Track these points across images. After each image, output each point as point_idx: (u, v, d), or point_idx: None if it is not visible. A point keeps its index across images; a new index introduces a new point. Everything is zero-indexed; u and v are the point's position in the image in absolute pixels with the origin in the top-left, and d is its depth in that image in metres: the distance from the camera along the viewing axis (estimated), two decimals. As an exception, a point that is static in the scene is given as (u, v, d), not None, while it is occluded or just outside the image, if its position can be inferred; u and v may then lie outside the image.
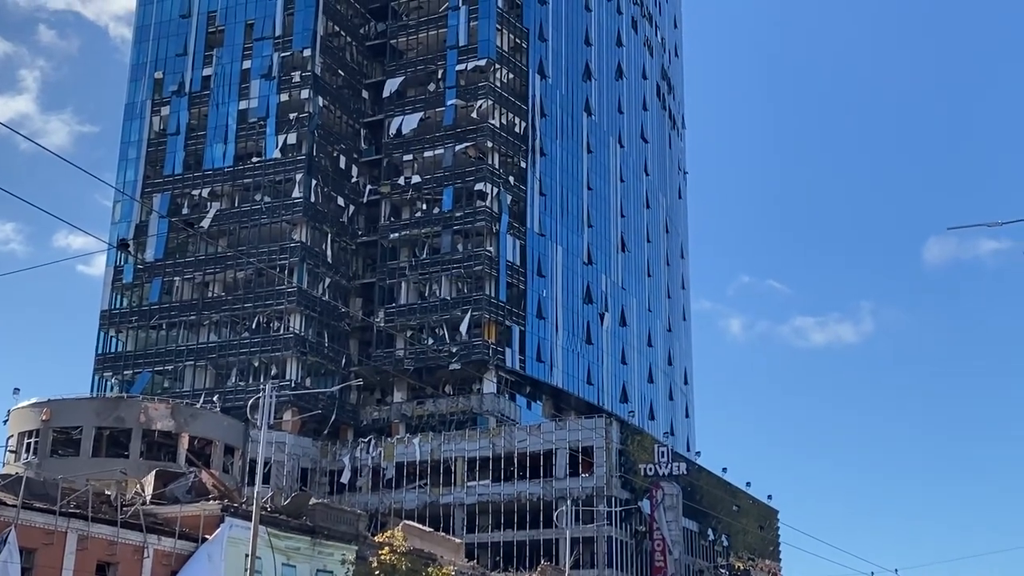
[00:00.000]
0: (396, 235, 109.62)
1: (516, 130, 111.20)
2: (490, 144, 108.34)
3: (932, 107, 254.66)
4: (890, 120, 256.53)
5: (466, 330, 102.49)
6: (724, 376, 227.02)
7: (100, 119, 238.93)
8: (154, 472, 50.26)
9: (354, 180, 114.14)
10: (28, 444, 68.03)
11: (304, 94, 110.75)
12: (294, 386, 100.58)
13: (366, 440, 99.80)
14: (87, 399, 77.66)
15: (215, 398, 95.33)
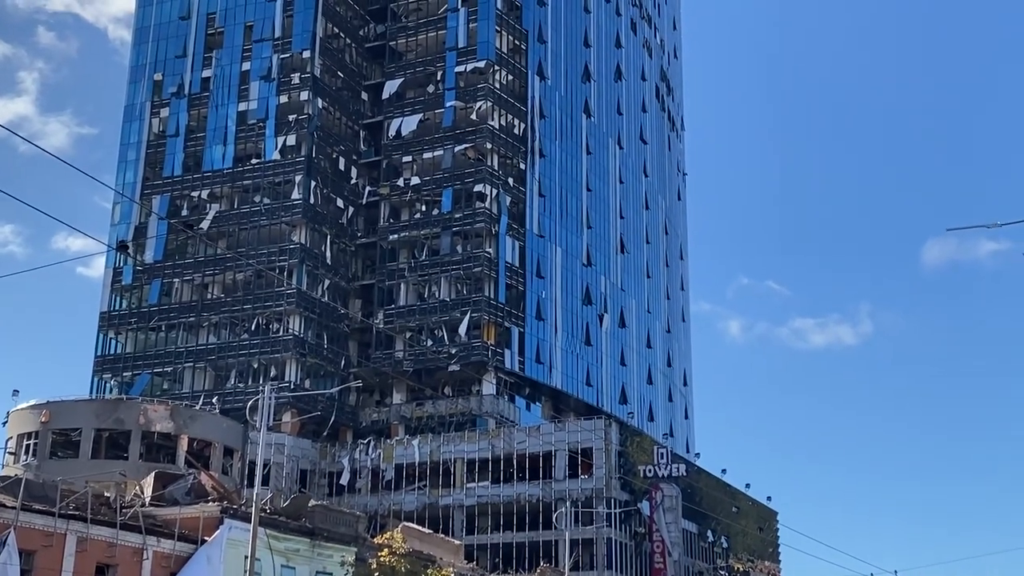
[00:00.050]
0: (395, 236, 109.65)
1: (515, 131, 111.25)
2: (489, 145, 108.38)
3: (931, 109, 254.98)
4: (889, 122, 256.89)
5: (465, 331, 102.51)
6: (723, 378, 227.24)
7: (99, 121, 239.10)
8: (153, 474, 50.31)
9: (353, 181, 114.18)
10: (27, 446, 68.05)
11: (303, 96, 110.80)
12: (293, 388, 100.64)
13: (365, 442, 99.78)
14: (86, 401, 77.69)
15: (214, 400, 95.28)
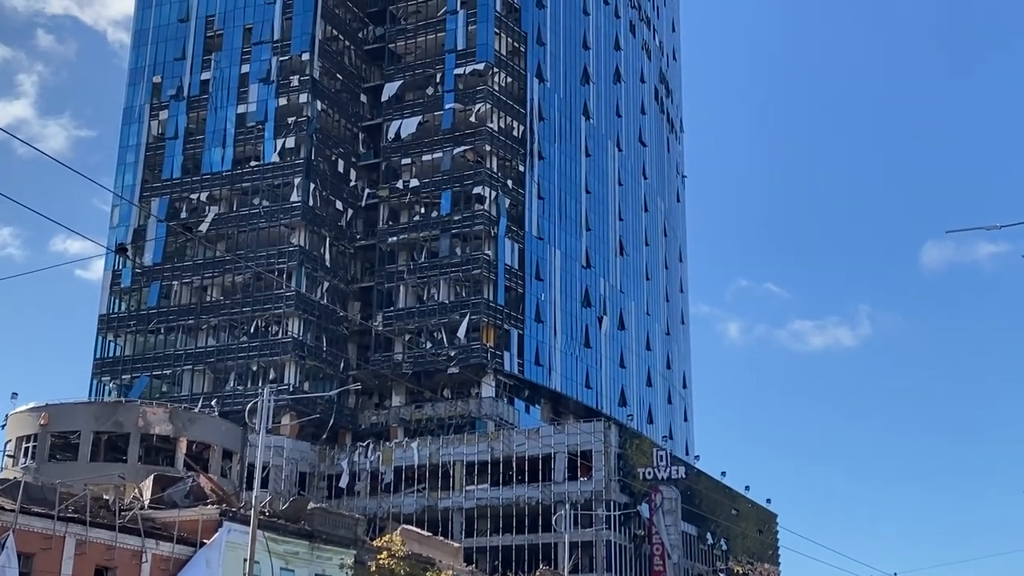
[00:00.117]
0: (394, 239, 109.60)
1: (514, 134, 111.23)
2: (488, 148, 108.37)
3: (929, 111, 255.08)
4: (888, 124, 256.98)
5: (464, 334, 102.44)
6: (722, 380, 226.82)
7: (98, 124, 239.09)
8: (152, 476, 50.28)
9: (352, 184, 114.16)
10: (26, 448, 68.00)
11: (303, 98, 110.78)
12: (292, 390, 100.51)
13: (364, 444, 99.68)
14: (85, 403, 77.65)
15: (213, 402, 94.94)
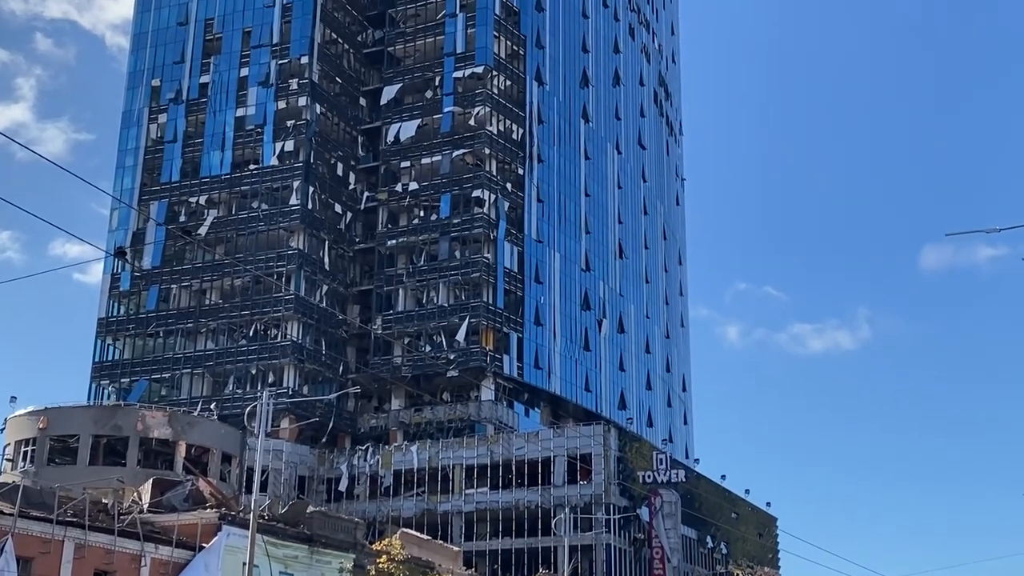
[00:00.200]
0: (393, 242, 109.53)
1: (514, 137, 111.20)
2: (488, 151, 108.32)
3: (928, 113, 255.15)
4: (887, 127, 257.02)
5: (464, 337, 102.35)
6: (722, 383, 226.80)
7: (96, 127, 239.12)
8: (151, 480, 50.17)
9: (352, 187, 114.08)
10: (25, 452, 67.96)
11: (301, 101, 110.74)
12: (291, 394, 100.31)
13: (364, 448, 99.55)
14: (84, 407, 77.63)
15: (212, 406, 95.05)
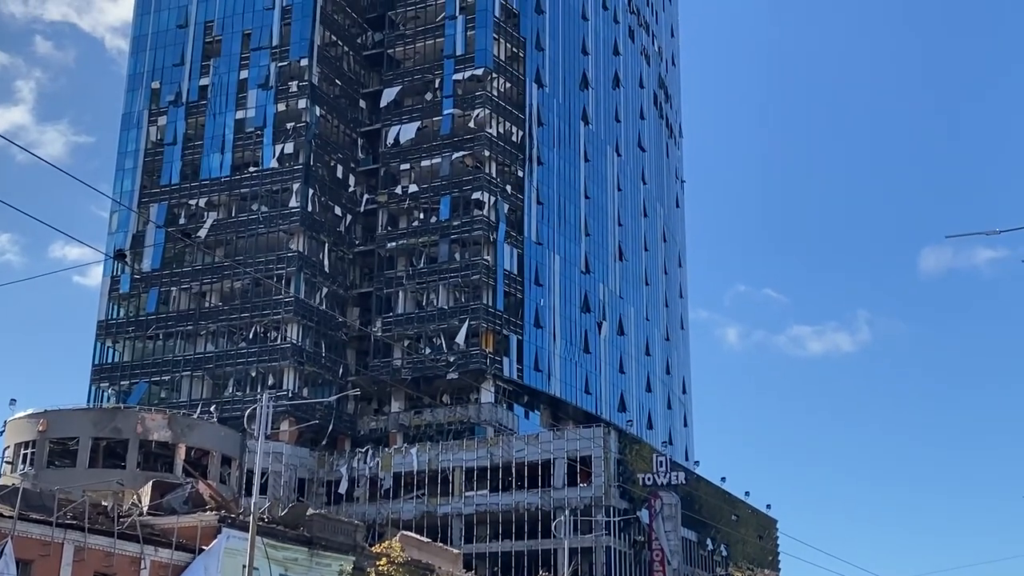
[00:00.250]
0: (393, 244, 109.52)
1: (513, 139, 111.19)
2: (487, 153, 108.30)
3: (928, 116, 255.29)
4: (886, 129, 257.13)
5: (463, 339, 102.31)
6: (722, 385, 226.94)
7: (96, 130, 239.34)
8: (151, 483, 50.13)
9: (351, 189, 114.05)
10: (25, 455, 67.98)
11: (301, 104, 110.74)
12: (291, 396, 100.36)
13: (363, 450, 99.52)
14: (84, 410, 77.57)
15: (212, 408, 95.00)
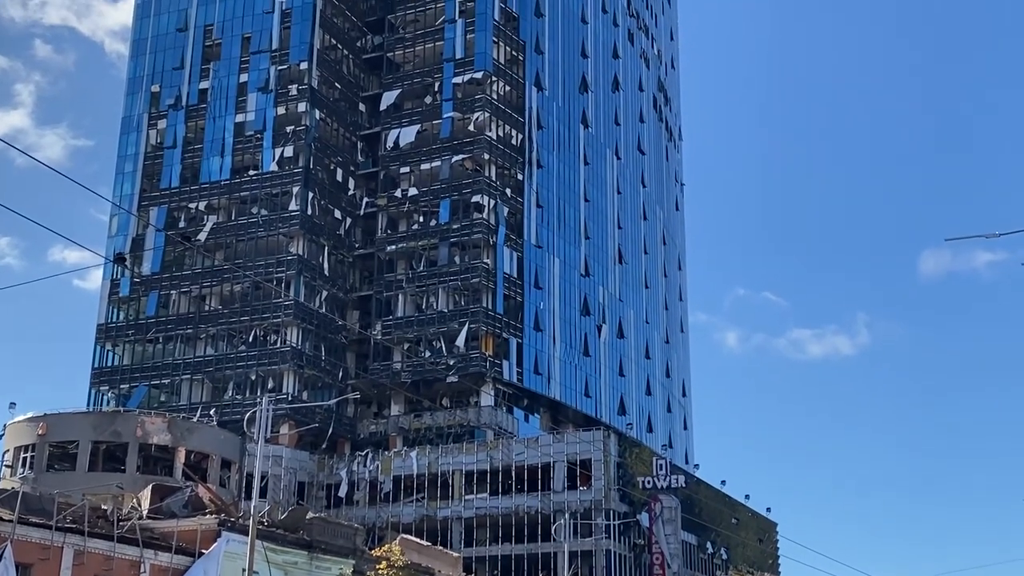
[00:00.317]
0: (393, 247, 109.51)
1: (513, 142, 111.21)
2: (487, 156, 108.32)
3: (927, 119, 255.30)
4: (885, 132, 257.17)
5: (463, 343, 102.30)
6: (722, 389, 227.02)
7: (95, 133, 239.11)
8: (151, 486, 50.08)
9: (351, 193, 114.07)
10: (24, 458, 67.92)
11: (301, 107, 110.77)
12: (291, 399, 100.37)
13: (363, 453, 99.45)
14: (83, 413, 77.49)
15: (212, 412, 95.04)
